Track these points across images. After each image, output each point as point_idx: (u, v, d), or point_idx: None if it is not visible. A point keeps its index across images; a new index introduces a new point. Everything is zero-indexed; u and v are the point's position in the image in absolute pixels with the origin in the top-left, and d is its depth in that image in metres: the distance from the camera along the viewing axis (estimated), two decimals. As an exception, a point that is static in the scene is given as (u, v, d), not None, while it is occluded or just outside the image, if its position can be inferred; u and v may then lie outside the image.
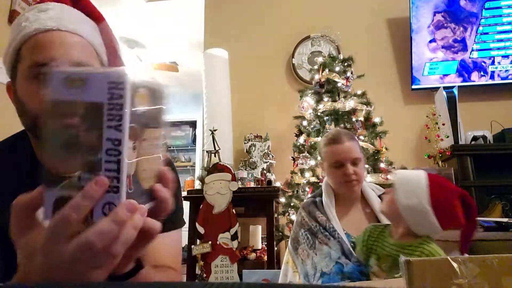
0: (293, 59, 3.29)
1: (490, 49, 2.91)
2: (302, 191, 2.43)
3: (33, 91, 0.65)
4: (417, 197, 0.95)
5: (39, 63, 0.64)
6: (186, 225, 2.42)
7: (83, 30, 0.69)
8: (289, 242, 1.43)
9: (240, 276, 2.29)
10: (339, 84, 2.55)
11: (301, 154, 2.51)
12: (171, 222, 0.75)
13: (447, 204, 0.94)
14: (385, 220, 1.24)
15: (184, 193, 2.71)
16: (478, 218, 1.84)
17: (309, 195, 1.55)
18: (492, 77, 2.89)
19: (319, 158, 1.53)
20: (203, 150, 3.05)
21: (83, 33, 0.69)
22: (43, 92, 0.60)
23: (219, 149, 2.77)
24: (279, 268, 1.79)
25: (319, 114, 2.53)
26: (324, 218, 1.34)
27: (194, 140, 5.95)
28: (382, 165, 2.35)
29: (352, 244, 1.26)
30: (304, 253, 1.31)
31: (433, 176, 0.99)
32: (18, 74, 0.68)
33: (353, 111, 2.48)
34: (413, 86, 2.99)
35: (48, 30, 0.65)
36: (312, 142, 2.46)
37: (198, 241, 2.45)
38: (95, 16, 0.75)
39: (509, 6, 2.92)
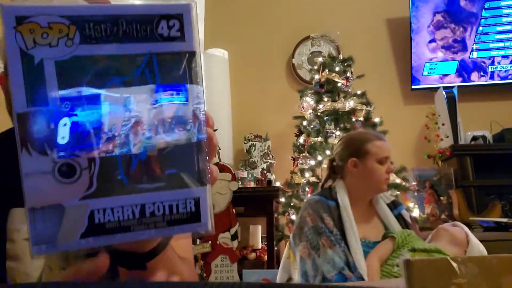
0: (293, 59, 3.29)
1: (490, 49, 2.92)
2: (302, 191, 2.43)
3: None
4: None
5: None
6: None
7: None
8: (290, 236, 1.39)
9: (240, 275, 2.30)
10: (339, 84, 2.55)
11: (301, 154, 2.51)
12: None
13: None
14: (394, 229, 1.31)
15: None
16: (478, 218, 1.85)
17: (314, 194, 1.48)
18: (491, 77, 2.90)
19: (341, 153, 1.41)
20: (203, 150, 3.05)
21: None
22: None
23: (219, 149, 2.77)
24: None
25: (319, 114, 2.54)
26: (332, 222, 1.29)
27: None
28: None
29: (368, 250, 1.24)
30: (304, 251, 1.27)
31: None
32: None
33: (353, 111, 2.49)
34: (413, 86, 2.99)
35: None
36: (312, 142, 2.47)
37: (198, 241, 2.45)
38: None
39: (508, 6, 2.92)
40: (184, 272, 0.61)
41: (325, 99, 2.56)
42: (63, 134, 0.29)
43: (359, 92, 2.56)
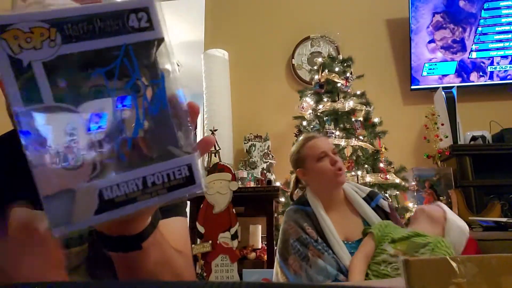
0: (293, 59, 3.30)
1: (489, 49, 2.92)
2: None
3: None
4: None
5: None
6: (186, 225, 2.42)
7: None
8: (277, 252, 1.35)
9: (240, 275, 2.30)
10: (338, 85, 2.56)
11: (301, 154, 2.51)
12: (178, 207, 0.77)
13: None
14: (373, 222, 1.30)
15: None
16: (478, 218, 1.85)
17: (291, 204, 1.46)
18: (491, 77, 2.90)
19: (292, 173, 1.46)
20: (203, 150, 3.05)
21: None
22: None
23: (219, 149, 2.78)
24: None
25: (318, 114, 2.54)
26: (314, 231, 1.28)
27: (194, 140, 5.96)
28: (381, 165, 2.36)
29: (353, 251, 1.23)
30: (296, 264, 1.24)
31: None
32: None
33: (353, 111, 2.49)
34: (412, 87, 3.00)
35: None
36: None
37: (198, 240, 2.46)
38: None
39: (508, 7, 2.93)
40: (178, 261, 0.61)
41: (325, 99, 2.56)
42: (62, 127, 0.33)
43: (358, 92, 2.56)
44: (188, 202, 2.57)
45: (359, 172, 2.28)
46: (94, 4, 0.33)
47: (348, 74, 2.57)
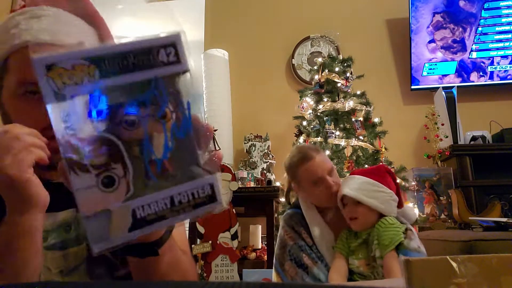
0: (293, 59, 3.30)
1: (489, 49, 2.92)
2: (302, 191, 2.44)
3: (21, 109, 0.61)
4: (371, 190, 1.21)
5: (28, 81, 0.59)
6: (186, 225, 2.42)
7: (80, 42, 0.63)
8: (275, 257, 1.35)
9: (240, 275, 2.30)
10: (338, 85, 2.56)
11: (301, 154, 2.51)
12: None
13: (384, 181, 1.23)
14: None
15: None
16: (478, 218, 1.85)
17: (288, 208, 1.45)
18: (491, 77, 2.90)
19: (287, 178, 1.42)
20: (203, 150, 3.06)
21: (80, 46, 0.62)
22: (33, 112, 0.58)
23: (219, 149, 2.78)
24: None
25: (318, 114, 2.54)
26: (309, 236, 1.29)
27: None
28: (381, 164, 2.36)
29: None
30: (292, 270, 1.25)
31: (359, 171, 1.31)
32: (4, 85, 0.63)
33: (353, 111, 2.49)
34: (413, 86, 2.99)
35: (40, 44, 0.59)
36: (312, 142, 2.47)
37: (198, 240, 2.45)
38: (94, 19, 0.69)
39: (508, 7, 2.93)
40: (185, 261, 0.64)
41: (325, 99, 2.56)
42: (101, 152, 0.36)
43: (358, 92, 2.56)
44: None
45: (359, 172, 2.28)
46: (128, 42, 0.37)
47: (348, 74, 2.56)
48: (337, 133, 2.43)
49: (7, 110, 0.64)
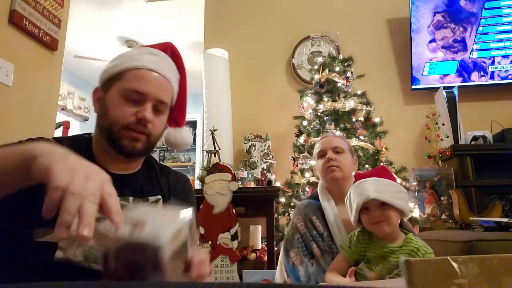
0: (293, 59, 3.29)
1: (490, 49, 2.91)
2: (302, 191, 2.43)
3: (121, 106, 0.85)
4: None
5: (135, 89, 0.85)
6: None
7: (172, 79, 0.92)
8: (283, 242, 1.41)
9: (240, 276, 2.29)
10: (339, 84, 2.55)
11: (301, 154, 2.51)
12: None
13: (394, 180, 1.21)
14: None
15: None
16: (479, 218, 1.84)
17: (304, 198, 1.53)
18: (492, 77, 2.89)
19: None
20: (203, 150, 3.05)
21: (172, 81, 0.92)
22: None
23: (219, 149, 2.77)
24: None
25: (319, 114, 2.53)
26: (321, 225, 1.31)
27: (194, 140, 5.96)
28: (382, 165, 2.35)
29: None
30: (297, 258, 1.28)
31: (365, 174, 1.24)
32: (113, 87, 0.87)
33: (353, 111, 2.48)
34: (413, 86, 2.99)
35: (151, 70, 0.87)
36: (312, 142, 2.46)
37: (198, 241, 2.45)
38: (181, 70, 0.98)
39: (508, 6, 2.92)
40: None
41: (325, 99, 2.55)
42: None
43: (359, 92, 2.55)
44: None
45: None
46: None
47: (348, 74, 2.56)
48: (338, 133, 2.42)
49: (108, 104, 0.86)
